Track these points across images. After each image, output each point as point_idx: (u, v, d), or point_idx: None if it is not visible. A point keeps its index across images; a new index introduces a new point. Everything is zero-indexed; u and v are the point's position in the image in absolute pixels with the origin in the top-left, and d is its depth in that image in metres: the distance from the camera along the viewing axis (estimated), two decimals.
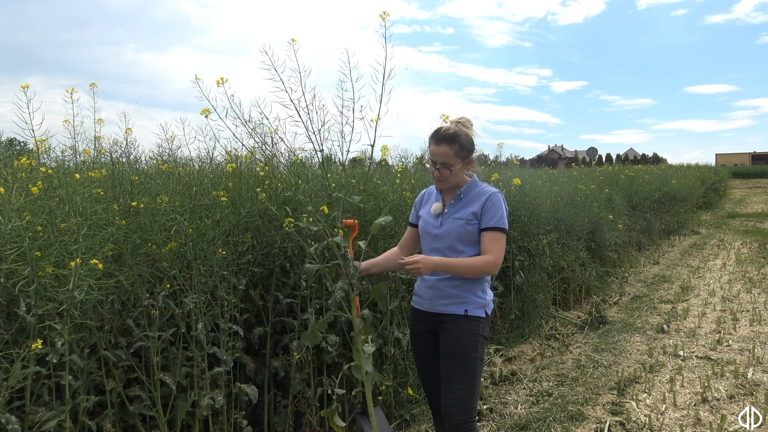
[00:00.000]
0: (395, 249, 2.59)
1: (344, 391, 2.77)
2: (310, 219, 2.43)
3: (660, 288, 7.00)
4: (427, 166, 2.37)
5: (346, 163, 2.50)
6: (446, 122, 2.36)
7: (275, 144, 2.28)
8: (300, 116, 2.26)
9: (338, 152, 2.39)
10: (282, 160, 2.46)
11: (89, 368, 2.28)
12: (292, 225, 2.39)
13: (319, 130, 2.28)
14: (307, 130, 2.28)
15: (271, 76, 2.17)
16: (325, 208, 2.37)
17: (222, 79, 2.23)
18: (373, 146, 2.36)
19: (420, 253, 2.50)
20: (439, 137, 2.26)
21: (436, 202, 2.40)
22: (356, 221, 2.56)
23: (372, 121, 2.28)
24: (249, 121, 2.26)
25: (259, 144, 2.28)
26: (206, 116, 2.27)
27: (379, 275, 3.22)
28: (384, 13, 2.14)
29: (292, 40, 2.09)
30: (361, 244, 2.43)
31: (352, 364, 2.49)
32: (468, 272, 2.24)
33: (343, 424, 2.54)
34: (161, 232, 2.50)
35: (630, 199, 9.42)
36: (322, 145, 2.31)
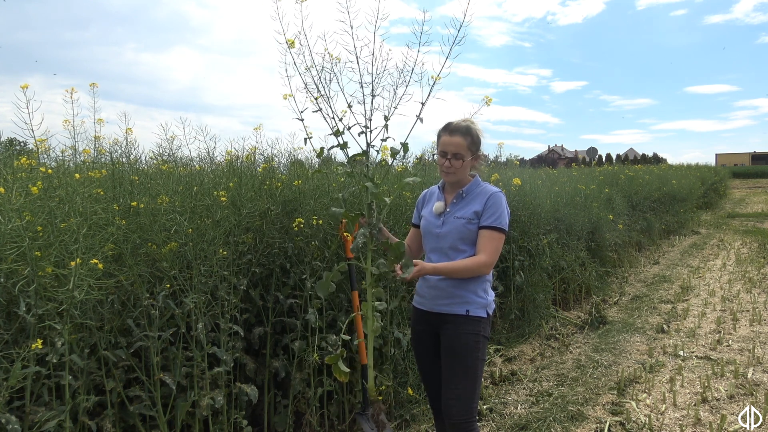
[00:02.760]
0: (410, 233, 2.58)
1: (349, 338, 2.66)
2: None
3: (660, 288, 7.00)
4: (436, 157, 2.38)
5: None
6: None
7: (330, 81, 2.28)
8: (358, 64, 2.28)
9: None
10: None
11: (89, 368, 2.28)
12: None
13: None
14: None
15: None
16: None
17: None
18: (405, 144, 2.36)
19: (423, 254, 2.50)
20: (453, 128, 2.30)
21: (437, 201, 2.40)
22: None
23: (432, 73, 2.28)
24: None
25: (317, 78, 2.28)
26: (290, 45, 2.23)
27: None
28: None
29: None
30: (387, 199, 2.39)
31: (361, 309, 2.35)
32: (461, 275, 2.25)
33: (348, 371, 2.40)
34: (161, 232, 2.50)
35: (630, 199, 9.42)
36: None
